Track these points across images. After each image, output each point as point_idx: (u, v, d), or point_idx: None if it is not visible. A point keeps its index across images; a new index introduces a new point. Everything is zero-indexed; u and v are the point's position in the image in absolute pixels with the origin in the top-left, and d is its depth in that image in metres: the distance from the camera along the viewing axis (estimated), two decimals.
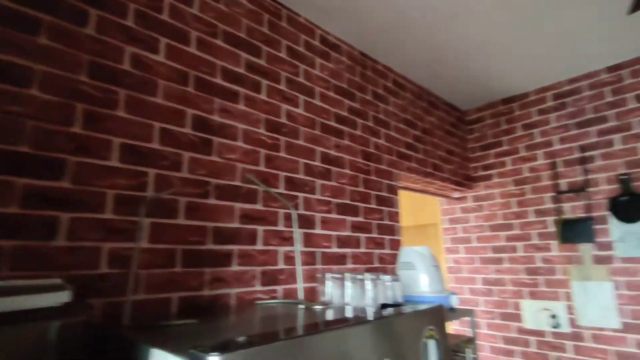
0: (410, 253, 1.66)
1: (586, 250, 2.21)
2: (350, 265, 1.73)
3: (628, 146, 2.13)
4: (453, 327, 2.74)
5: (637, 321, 2.01)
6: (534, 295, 2.38)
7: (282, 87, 1.58)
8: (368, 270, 1.81)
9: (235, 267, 1.27)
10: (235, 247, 1.28)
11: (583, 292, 2.18)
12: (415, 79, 2.40)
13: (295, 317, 0.88)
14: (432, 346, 0.81)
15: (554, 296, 2.30)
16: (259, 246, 1.36)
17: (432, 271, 1.60)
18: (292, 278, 1.45)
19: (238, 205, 1.32)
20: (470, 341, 1.54)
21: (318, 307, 1.09)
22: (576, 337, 2.19)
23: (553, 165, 2.40)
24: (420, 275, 1.59)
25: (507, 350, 2.45)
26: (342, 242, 1.71)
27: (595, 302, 2.14)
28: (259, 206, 1.38)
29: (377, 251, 1.90)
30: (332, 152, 1.75)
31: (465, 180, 2.72)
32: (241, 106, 1.41)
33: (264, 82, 1.51)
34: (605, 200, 2.17)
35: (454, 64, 2.24)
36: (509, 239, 2.53)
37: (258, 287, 1.33)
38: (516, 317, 2.44)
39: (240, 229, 1.31)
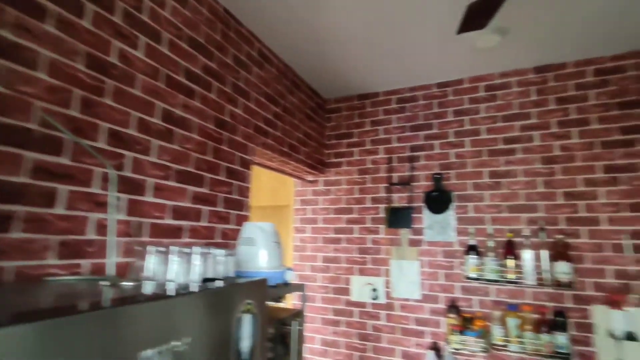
0: (253, 228, 1.62)
1: (405, 234, 2.60)
2: (187, 240, 1.57)
3: (443, 151, 2.58)
4: (292, 301, 2.87)
5: (432, 293, 2.48)
6: (361, 272, 2.69)
7: (116, 19, 1.29)
8: (208, 245, 1.69)
9: (17, 234, 0.97)
10: (19, 208, 0.98)
11: (398, 270, 2.57)
12: (282, 55, 2.36)
13: (83, 296, 0.70)
14: (247, 320, 0.77)
15: (377, 272, 2.64)
16: (60, 210, 1.08)
17: (272, 247, 1.60)
18: (105, 251, 1.21)
19: (30, 155, 1.01)
20: (298, 314, 1.60)
21: (127, 284, 0.93)
22: (389, 307, 2.57)
23: (389, 160, 2.73)
24: (260, 251, 1.57)
25: (335, 320, 2.70)
26: (180, 213, 1.54)
27: (406, 278, 2.55)
28: (64, 160, 1.10)
29: (220, 226, 1.79)
30: (178, 112, 1.55)
31: (319, 165, 2.86)
32: (49, 27, 1.08)
33: (90, 7, 1.20)
34: (422, 194, 2.59)
35: (321, 52, 2.28)
36: (349, 221, 2.79)
37: (52, 261, 1.06)
38: (346, 291, 2.71)
39: (30, 185, 1.01)
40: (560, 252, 2.15)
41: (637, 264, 2.05)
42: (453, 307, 2.36)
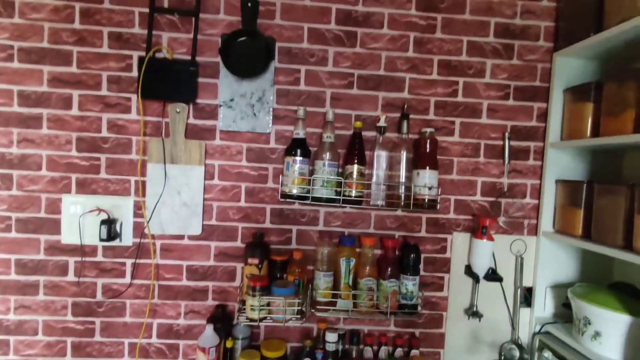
0: None
1: (180, 114, 1.33)
2: None
3: None
4: None
5: (224, 223, 1.37)
6: (85, 187, 1.32)
7: None
8: None
9: None
10: None
11: (162, 182, 1.33)
12: None
13: None
14: None
15: (118, 188, 1.33)
16: None
17: None
18: None
19: None
20: None
21: None
22: (141, 251, 1.34)
23: None
24: None
25: (25, 284, 1.32)
26: None
27: (178, 197, 1.34)
28: None
29: None
30: None
31: None
32: None
33: None
34: (219, 38, 1.33)
35: None
36: (57, 81, 1.29)
37: None
38: (51, 226, 1.32)
39: None
40: (426, 155, 1.33)
41: (513, 175, 1.43)
42: (257, 245, 1.33)
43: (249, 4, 1.28)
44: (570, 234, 1.30)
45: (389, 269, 1.35)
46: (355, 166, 1.31)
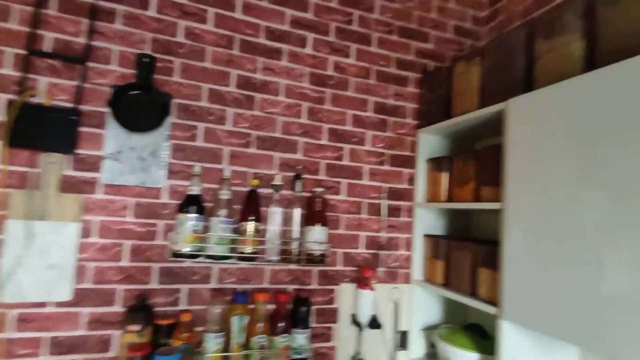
0: None
1: (54, 165, 1.20)
2: None
3: (164, 17, 1.36)
4: None
5: (101, 286, 1.24)
6: None
7: None
8: None
9: None
10: None
11: (21, 241, 1.15)
12: None
13: None
14: None
15: None
16: None
17: None
18: None
19: None
20: None
21: None
22: None
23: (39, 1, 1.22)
24: None
25: None
26: None
27: (42, 258, 1.17)
28: None
29: None
30: None
31: None
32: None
33: None
34: (110, 89, 1.28)
35: None
36: None
37: None
38: None
39: None
40: (317, 213, 1.45)
41: (389, 230, 1.64)
42: (139, 309, 1.23)
43: (146, 60, 1.28)
44: (434, 282, 1.54)
45: (281, 324, 1.37)
46: (251, 223, 1.35)
